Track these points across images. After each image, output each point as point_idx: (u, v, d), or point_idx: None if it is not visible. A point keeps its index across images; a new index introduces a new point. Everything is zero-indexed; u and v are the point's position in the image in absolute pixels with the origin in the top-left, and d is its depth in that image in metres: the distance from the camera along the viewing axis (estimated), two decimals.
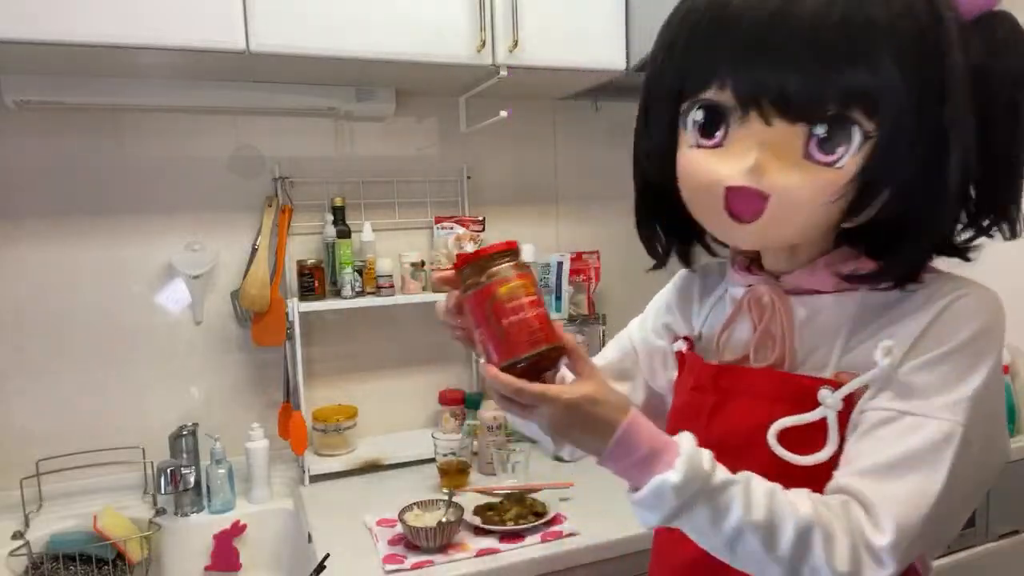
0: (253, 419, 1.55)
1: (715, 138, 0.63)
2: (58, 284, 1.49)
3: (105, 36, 1.16)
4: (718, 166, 0.62)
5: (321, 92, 1.55)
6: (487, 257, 0.64)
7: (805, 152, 0.60)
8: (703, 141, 0.64)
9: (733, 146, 0.62)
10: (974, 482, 0.63)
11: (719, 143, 0.63)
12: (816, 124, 0.59)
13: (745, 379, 0.72)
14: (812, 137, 0.59)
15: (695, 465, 0.59)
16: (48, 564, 1.31)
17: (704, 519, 0.59)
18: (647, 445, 0.61)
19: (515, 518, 1.28)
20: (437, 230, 1.72)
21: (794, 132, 0.60)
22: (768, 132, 0.60)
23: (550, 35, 1.44)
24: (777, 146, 0.60)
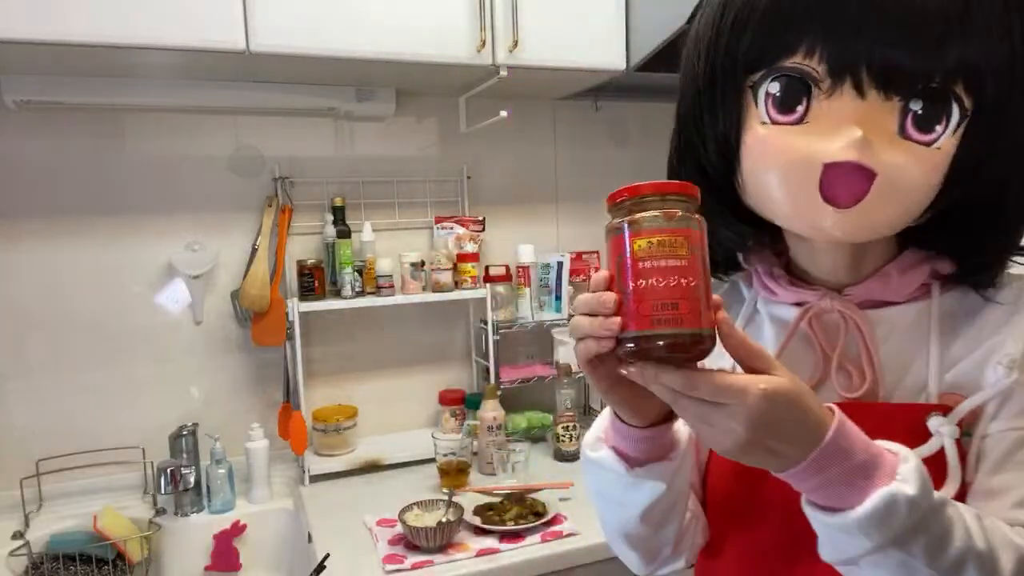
0: (253, 419, 1.55)
1: (796, 112, 0.55)
2: (58, 284, 1.49)
3: (105, 36, 1.16)
4: (812, 142, 0.54)
5: (321, 92, 1.56)
6: (637, 197, 0.50)
7: (902, 129, 0.53)
8: (780, 117, 0.55)
9: (819, 122, 0.54)
10: None
11: (800, 118, 0.55)
12: (914, 98, 0.53)
13: (848, 412, 0.56)
14: (909, 112, 0.53)
15: (925, 476, 0.48)
16: (48, 564, 1.31)
17: (928, 545, 0.48)
18: (863, 450, 0.49)
19: (515, 518, 1.28)
20: (437, 230, 1.72)
21: (890, 107, 0.53)
22: (862, 107, 0.53)
23: (550, 35, 1.44)
24: (872, 123, 0.53)
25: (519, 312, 1.72)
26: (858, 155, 0.52)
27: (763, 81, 0.56)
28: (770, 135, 0.56)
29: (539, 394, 1.78)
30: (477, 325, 1.77)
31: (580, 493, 1.41)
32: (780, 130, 0.55)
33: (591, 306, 0.50)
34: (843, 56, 0.52)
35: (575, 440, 1.62)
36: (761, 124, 0.56)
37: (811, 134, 0.54)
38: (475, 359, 1.81)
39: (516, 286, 1.73)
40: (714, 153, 0.60)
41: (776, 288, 0.65)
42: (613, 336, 0.49)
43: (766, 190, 0.58)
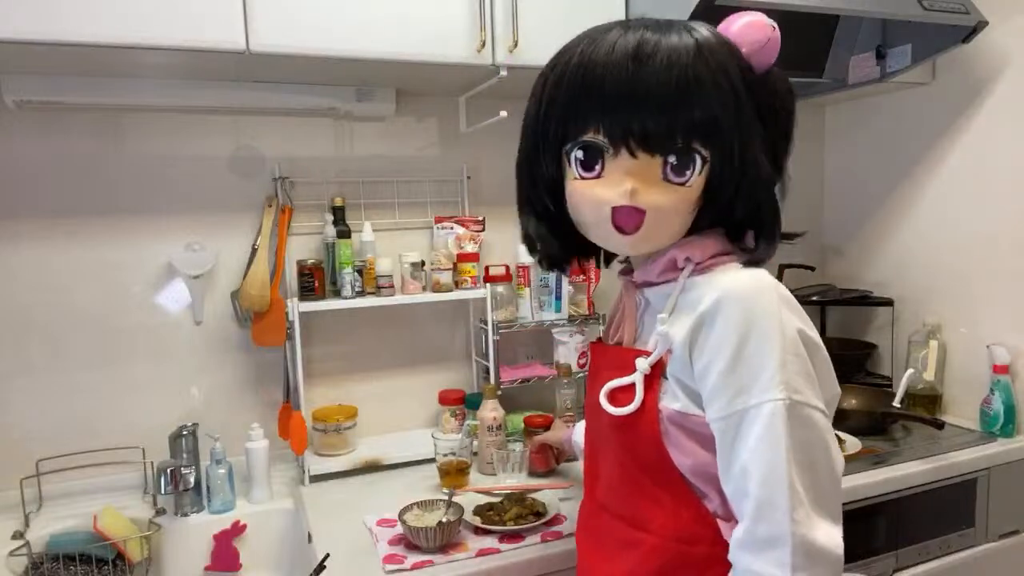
0: (253, 419, 1.55)
1: (595, 171, 0.82)
2: (58, 284, 1.49)
3: (105, 36, 1.16)
4: (602, 192, 0.81)
5: (321, 92, 1.56)
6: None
7: (664, 176, 0.80)
8: (585, 174, 0.83)
9: (609, 176, 0.81)
10: None
11: (599, 174, 0.82)
12: (669, 154, 0.79)
13: (605, 354, 0.96)
14: (667, 164, 0.79)
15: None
16: (48, 564, 1.31)
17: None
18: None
19: (515, 518, 1.28)
20: (437, 230, 1.72)
21: (654, 162, 0.79)
22: (634, 163, 0.79)
23: (550, 35, 1.42)
24: (642, 173, 0.80)
25: (519, 312, 1.72)
26: (629, 200, 0.79)
27: (572, 149, 0.83)
28: (580, 187, 0.84)
29: (539, 394, 1.78)
30: (477, 325, 1.77)
31: (580, 493, 1.41)
32: (585, 184, 0.83)
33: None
34: (616, 131, 0.78)
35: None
36: (574, 179, 0.84)
37: (604, 186, 0.81)
38: (475, 359, 1.81)
39: (516, 286, 1.73)
40: (547, 194, 0.89)
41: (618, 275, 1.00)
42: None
43: (582, 222, 0.87)
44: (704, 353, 0.78)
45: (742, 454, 0.75)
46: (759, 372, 0.74)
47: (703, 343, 0.78)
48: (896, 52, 1.73)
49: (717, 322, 0.77)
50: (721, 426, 0.77)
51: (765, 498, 0.72)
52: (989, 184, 1.72)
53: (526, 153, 0.91)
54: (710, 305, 0.78)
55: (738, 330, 0.75)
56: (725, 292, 0.78)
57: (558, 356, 1.75)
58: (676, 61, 0.75)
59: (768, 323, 0.75)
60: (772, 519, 0.72)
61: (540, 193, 0.90)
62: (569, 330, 1.74)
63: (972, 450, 1.57)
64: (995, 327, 1.71)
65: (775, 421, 0.73)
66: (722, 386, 0.76)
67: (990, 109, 1.71)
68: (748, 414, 0.74)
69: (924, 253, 1.89)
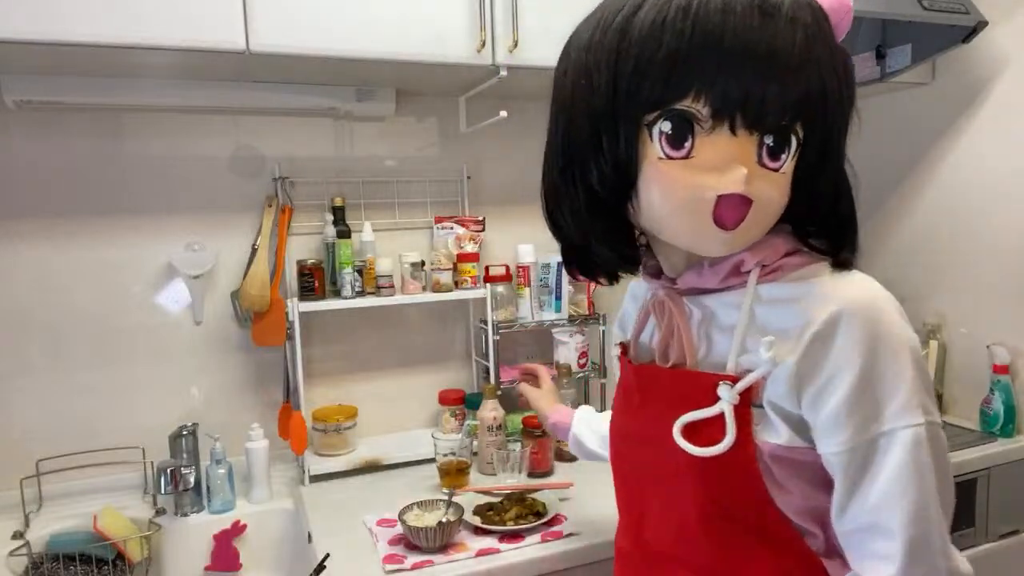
0: (253, 419, 1.55)
1: (683, 149, 0.65)
2: (58, 284, 1.49)
3: (105, 36, 1.16)
4: (706, 177, 0.65)
5: (321, 92, 1.56)
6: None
7: (759, 159, 0.66)
8: (672, 152, 0.66)
9: (702, 157, 0.65)
10: None
11: (687, 154, 0.65)
12: (767, 133, 0.65)
13: (658, 379, 0.79)
14: (763, 145, 0.66)
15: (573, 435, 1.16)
16: (48, 564, 1.31)
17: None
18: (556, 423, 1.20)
19: (515, 518, 1.28)
20: (437, 230, 1.72)
21: (750, 142, 0.65)
22: (732, 142, 0.65)
23: (550, 35, 1.42)
24: (742, 156, 0.65)
25: (519, 312, 1.72)
26: (744, 188, 0.64)
27: (658, 120, 0.65)
28: (669, 170, 0.66)
29: None
30: (477, 325, 1.77)
31: (580, 493, 1.41)
32: (675, 165, 0.66)
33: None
34: (728, 99, 0.63)
35: None
36: (659, 159, 0.66)
37: (701, 169, 0.65)
38: (475, 359, 1.81)
39: (516, 286, 1.73)
40: (609, 178, 0.69)
41: (647, 281, 0.83)
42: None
43: (665, 215, 0.68)
44: (820, 376, 0.65)
45: (877, 488, 0.64)
46: (892, 394, 0.64)
47: (819, 365, 0.65)
48: (896, 52, 1.73)
49: (837, 340, 0.65)
50: (845, 458, 0.65)
51: (919, 537, 0.63)
52: (989, 184, 1.72)
53: (584, 125, 0.69)
54: (826, 320, 0.65)
55: (863, 348, 0.64)
56: (843, 305, 0.65)
57: (558, 356, 1.75)
58: (800, 18, 0.63)
59: (895, 338, 0.65)
60: (928, 560, 0.63)
61: (602, 181, 0.69)
62: (569, 330, 1.74)
63: (972, 450, 1.57)
64: (995, 327, 1.71)
65: (918, 449, 0.63)
66: (846, 413, 0.64)
67: (990, 109, 1.71)
68: (881, 442, 0.64)
69: (924, 253, 1.89)
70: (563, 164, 0.73)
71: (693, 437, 0.70)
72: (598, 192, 0.70)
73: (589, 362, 1.77)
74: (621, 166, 0.68)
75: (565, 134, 0.72)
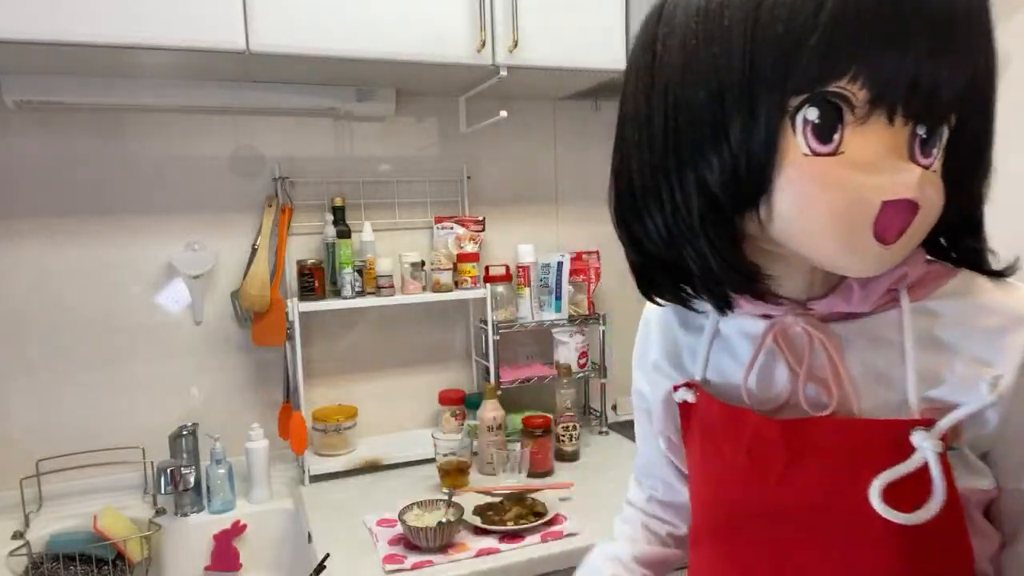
0: (253, 419, 1.55)
1: (832, 142, 0.50)
2: (58, 284, 1.49)
3: (105, 36, 1.16)
4: (864, 177, 0.50)
5: (321, 92, 1.56)
6: None
7: (910, 154, 0.52)
8: (819, 147, 0.50)
9: (852, 151, 0.50)
10: None
11: (835, 149, 0.50)
12: (921, 122, 0.51)
13: (817, 432, 0.59)
14: (915, 137, 0.52)
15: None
16: (48, 564, 1.31)
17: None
18: None
19: (515, 518, 1.28)
20: (437, 230, 1.72)
21: (903, 133, 0.51)
22: (887, 134, 0.50)
23: (550, 35, 1.44)
24: (897, 151, 0.51)
25: (519, 312, 1.72)
26: (916, 192, 0.50)
27: (802, 107, 0.50)
28: (820, 169, 0.50)
29: (539, 394, 1.78)
30: (477, 325, 1.77)
31: (580, 493, 1.41)
32: (826, 163, 0.50)
33: None
34: (898, 79, 0.48)
35: (575, 440, 1.62)
36: (805, 155, 0.51)
37: (856, 168, 0.50)
38: (475, 359, 1.81)
39: (516, 286, 1.73)
40: (737, 179, 0.52)
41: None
42: None
43: (809, 225, 0.52)
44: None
45: None
46: None
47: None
48: None
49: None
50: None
51: None
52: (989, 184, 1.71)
53: (705, 109, 0.52)
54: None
55: None
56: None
57: (558, 356, 1.75)
58: None
59: None
60: None
61: (726, 182, 0.53)
62: (569, 330, 1.74)
63: None
64: None
65: None
66: None
67: None
68: None
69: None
70: (660, 160, 0.56)
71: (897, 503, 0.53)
72: (716, 196, 0.53)
73: (589, 362, 1.77)
74: (756, 164, 0.51)
75: (668, 121, 0.54)
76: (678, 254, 0.57)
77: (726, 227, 0.55)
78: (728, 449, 0.64)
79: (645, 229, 0.59)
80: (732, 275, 0.56)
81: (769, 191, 0.52)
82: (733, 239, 0.56)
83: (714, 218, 0.54)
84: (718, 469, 0.65)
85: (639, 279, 0.64)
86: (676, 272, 0.60)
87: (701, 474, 0.68)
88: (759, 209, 0.53)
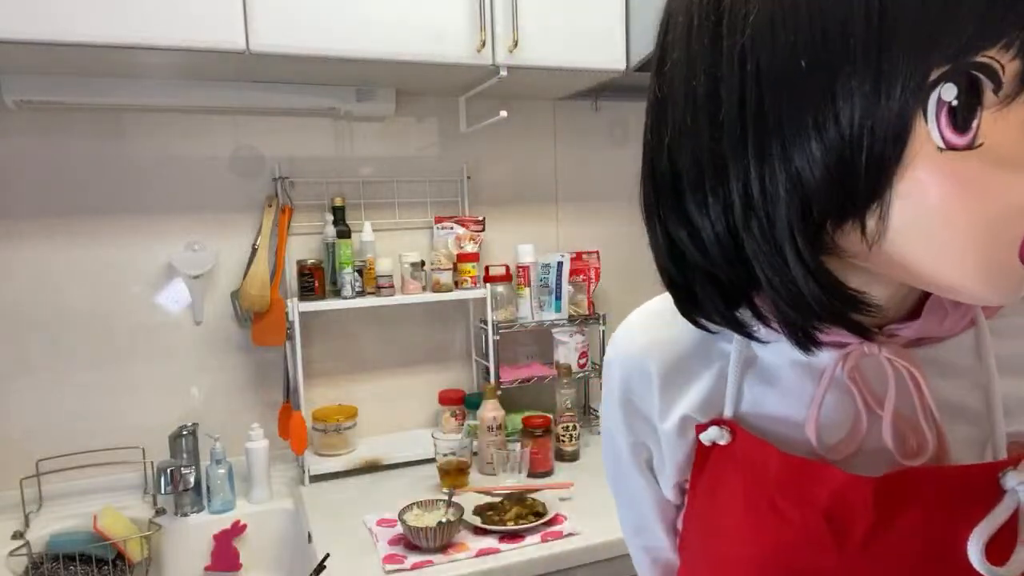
0: (253, 419, 1.55)
1: (969, 132, 0.37)
2: (58, 284, 1.49)
3: (105, 36, 1.16)
4: (1015, 177, 0.37)
5: (321, 92, 1.56)
6: None
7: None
8: (954, 138, 0.37)
9: (993, 144, 0.37)
10: None
11: (972, 141, 0.37)
12: None
13: (912, 486, 0.48)
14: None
15: None
16: (48, 564, 1.31)
17: None
18: None
19: (515, 518, 1.28)
20: (437, 230, 1.72)
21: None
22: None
23: (550, 35, 1.44)
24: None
25: (519, 312, 1.72)
26: None
27: (937, 83, 0.36)
28: (958, 169, 0.37)
29: (539, 394, 1.78)
30: (477, 325, 1.77)
31: (580, 493, 1.41)
32: (965, 160, 0.37)
33: None
34: None
35: (575, 440, 1.62)
36: (938, 150, 0.37)
37: (999, 166, 0.37)
38: (475, 359, 1.81)
39: (516, 286, 1.73)
40: (844, 173, 0.38)
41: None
42: None
43: (940, 243, 0.39)
44: None
45: None
46: None
47: None
48: None
49: None
50: None
51: None
52: None
53: (786, 96, 0.38)
54: None
55: None
56: None
57: (558, 356, 1.75)
58: None
59: None
60: None
61: (832, 180, 0.38)
62: (569, 330, 1.74)
63: None
64: None
65: None
66: None
67: None
68: None
69: None
70: (731, 148, 0.40)
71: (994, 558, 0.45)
72: (813, 200, 0.39)
73: (589, 362, 1.77)
74: (875, 159, 0.37)
75: (748, 96, 0.39)
76: (743, 269, 0.43)
77: (819, 238, 0.41)
78: (792, 508, 0.50)
79: (695, 235, 0.45)
80: (829, 302, 0.42)
81: (885, 197, 0.38)
82: (817, 252, 0.41)
83: (805, 227, 0.40)
84: (773, 529, 0.51)
85: (678, 296, 0.50)
86: (731, 289, 0.46)
87: (736, 534, 0.53)
88: (864, 220, 0.39)
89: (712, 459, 0.54)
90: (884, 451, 0.49)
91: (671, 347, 0.56)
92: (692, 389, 0.55)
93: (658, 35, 0.46)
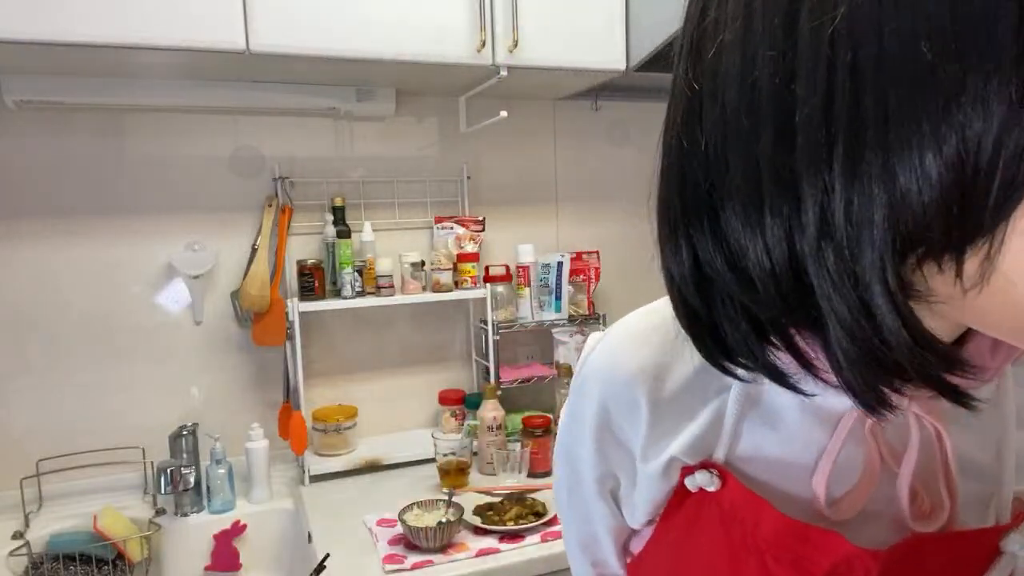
0: (253, 419, 1.55)
1: None
2: (58, 284, 1.49)
3: (106, 36, 1.16)
4: None
5: (321, 92, 1.56)
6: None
7: None
8: None
9: None
10: None
11: None
12: None
13: (920, 554, 0.43)
14: None
15: None
16: (48, 564, 1.31)
17: None
18: None
19: (515, 518, 1.28)
20: (437, 230, 1.72)
21: None
22: None
23: (550, 35, 1.44)
24: None
25: (519, 312, 1.72)
26: None
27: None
28: None
29: (539, 394, 1.78)
30: (477, 325, 1.77)
31: None
32: None
33: None
34: None
35: None
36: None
37: None
38: (475, 359, 1.81)
39: (516, 286, 1.73)
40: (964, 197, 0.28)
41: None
42: None
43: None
44: None
45: None
46: None
47: None
48: None
49: None
50: None
51: None
52: None
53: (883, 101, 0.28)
54: None
55: None
56: None
57: (558, 356, 1.75)
58: None
59: None
60: None
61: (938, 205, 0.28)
62: (569, 330, 1.74)
63: None
64: None
65: None
66: None
67: None
68: None
69: None
70: (809, 158, 0.30)
71: None
72: (916, 229, 0.29)
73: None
74: (1009, 180, 0.27)
75: (838, 96, 0.29)
76: (799, 309, 0.33)
77: (908, 277, 0.31)
78: (787, 573, 0.45)
79: (734, 262, 0.35)
80: (923, 358, 0.32)
81: (998, 233, 0.29)
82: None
83: (898, 264, 0.30)
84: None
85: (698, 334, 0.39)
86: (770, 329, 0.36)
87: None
88: (964, 258, 0.30)
89: (693, 499, 0.47)
90: (892, 510, 0.44)
91: (666, 379, 0.47)
92: (685, 429, 0.47)
93: (688, 15, 0.37)
